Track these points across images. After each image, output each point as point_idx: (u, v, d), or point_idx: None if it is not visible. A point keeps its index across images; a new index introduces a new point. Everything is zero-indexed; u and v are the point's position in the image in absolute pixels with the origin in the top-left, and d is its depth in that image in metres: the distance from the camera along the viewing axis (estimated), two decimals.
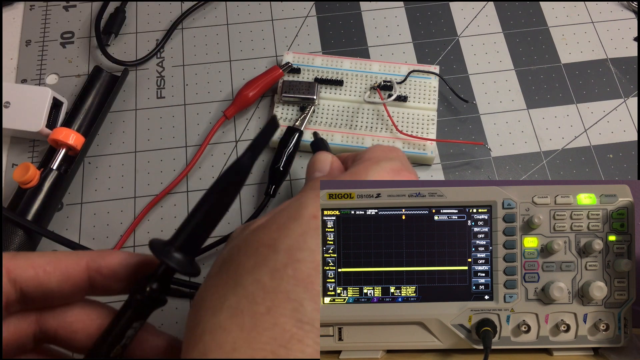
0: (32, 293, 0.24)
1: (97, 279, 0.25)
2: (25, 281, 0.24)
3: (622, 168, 0.43)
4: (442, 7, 0.50)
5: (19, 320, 0.25)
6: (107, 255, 0.25)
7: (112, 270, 0.25)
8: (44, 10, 0.50)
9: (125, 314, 0.25)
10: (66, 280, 0.25)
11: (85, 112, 0.43)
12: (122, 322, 0.24)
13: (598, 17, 0.49)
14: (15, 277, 0.24)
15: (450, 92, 0.45)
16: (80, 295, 0.26)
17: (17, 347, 0.25)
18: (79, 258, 0.25)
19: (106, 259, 0.25)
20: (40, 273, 0.24)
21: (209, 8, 0.50)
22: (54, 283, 0.24)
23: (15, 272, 0.24)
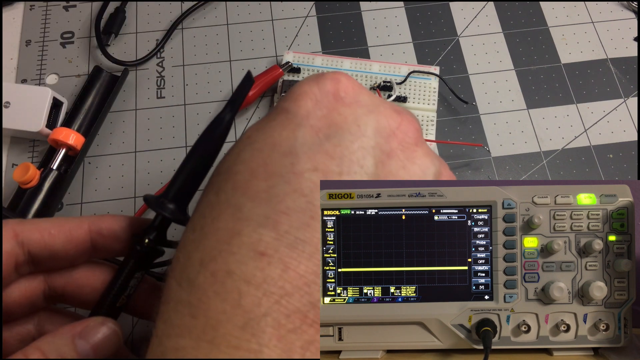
0: (39, 254, 0.26)
1: (98, 240, 0.27)
2: (32, 243, 0.26)
3: (622, 168, 0.43)
4: (442, 7, 0.50)
5: (29, 280, 0.27)
6: (107, 218, 0.28)
7: (112, 231, 0.27)
8: (44, 10, 0.50)
9: (127, 265, 0.27)
10: (70, 242, 0.27)
11: (85, 112, 0.43)
12: (125, 273, 0.27)
13: (598, 17, 0.49)
14: (23, 239, 0.26)
15: (449, 92, 0.45)
16: (84, 256, 0.28)
17: (29, 305, 0.28)
18: (81, 221, 0.27)
19: (106, 221, 0.27)
20: (46, 235, 0.26)
21: (209, 8, 0.50)
22: (59, 245, 0.26)
23: (22, 234, 0.26)
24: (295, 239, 0.20)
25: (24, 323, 0.28)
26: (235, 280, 0.19)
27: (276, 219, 0.20)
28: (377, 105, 0.24)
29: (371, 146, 0.23)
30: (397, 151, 0.24)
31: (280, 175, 0.21)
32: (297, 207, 0.20)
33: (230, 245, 0.20)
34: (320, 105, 0.23)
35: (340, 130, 0.23)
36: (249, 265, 0.19)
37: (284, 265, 0.19)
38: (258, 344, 0.18)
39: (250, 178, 0.21)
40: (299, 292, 0.19)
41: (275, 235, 0.20)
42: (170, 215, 0.26)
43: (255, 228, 0.20)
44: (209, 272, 0.20)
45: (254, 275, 0.19)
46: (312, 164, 0.21)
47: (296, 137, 0.22)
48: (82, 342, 0.24)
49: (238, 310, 0.19)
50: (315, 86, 0.24)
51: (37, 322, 0.29)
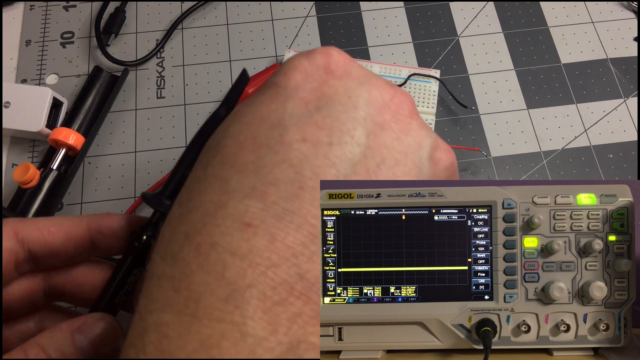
0: (39, 252, 0.26)
1: (98, 238, 0.27)
2: (32, 241, 0.26)
3: (622, 168, 0.43)
4: (442, 7, 0.50)
5: (29, 278, 0.28)
6: (106, 217, 0.28)
7: (111, 229, 0.27)
8: (44, 10, 0.50)
9: (125, 262, 0.27)
10: (69, 240, 0.27)
11: (85, 112, 0.44)
12: (123, 269, 0.27)
13: (598, 17, 0.49)
14: (23, 237, 0.26)
15: (449, 92, 0.45)
16: (83, 254, 0.28)
17: (29, 303, 0.28)
18: (80, 220, 0.27)
19: (105, 219, 0.28)
20: (45, 233, 0.26)
21: (209, 8, 0.50)
22: (59, 242, 0.27)
23: (22, 232, 0.26)
24: (283, 209, 0.19)
25: (24, 321, 0.29)
26: (220, 252, 0.19)
27: (263, 190, 0.20)
28: (369, 78, 0.24)
29: (362, 117, 0.22)
30: (390, 123, 0.23)
31: (269, 147, 0.21)
32: (285, 177, 0.20)
33: (215, 217, 0.19)
34: (311, 79, 0.23)
35: (331, 101, 0.22)
36: (234, 237, 0.19)
37: (271, 236, 0.19)
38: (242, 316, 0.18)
39: (237, 150, 0.21)
40: (286, 264, 0.19)
41: (262, 206, 0.19)
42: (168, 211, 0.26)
43: (241, 199, 0.19)
44: (193, 246, 0.19)
45: (239, 247, 0.19)
46: (301, 134, 0.21)
47: (285, 109, 0.22)
48: (80, 337, 0.24)
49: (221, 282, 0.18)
50: (305, 60, 0.24)
51: (38, 320, 0.29)
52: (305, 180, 0.20)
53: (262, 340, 0.17)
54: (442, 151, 0.25)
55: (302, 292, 0.18)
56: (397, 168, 0.22)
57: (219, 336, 0.17)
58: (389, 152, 0.22)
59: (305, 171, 0.20)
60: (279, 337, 0.17)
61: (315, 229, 0.19)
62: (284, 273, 0.18)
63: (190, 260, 0.19)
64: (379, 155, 0.22)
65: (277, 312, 0.18)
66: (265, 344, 0.17)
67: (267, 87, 0.23)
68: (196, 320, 0.18)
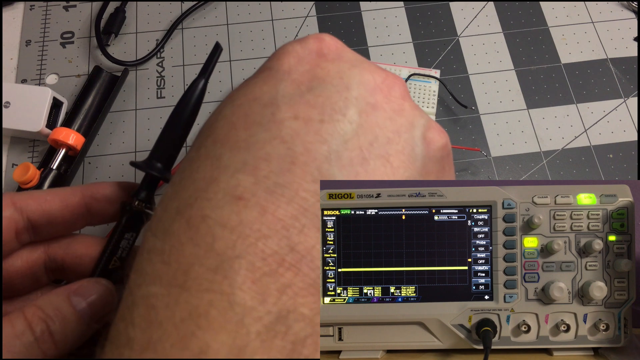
0: (38, 221, 0.27)
1: (93, 204, 0.28)
2: (30, 210, 0.27)
3: (622, 168, 0.43)
4: (442, 7, 0.50)
5: (30, 251, 0.28)
6: (99, 184, 0.29)
7: (104, 195, 0.28)
8: (44, 10, 0.50)
9: (118, 226, 0.28)
10: (66, 207, 0.28)
11: (85, 112, 0.44)
12: (116, 234, 0.28)
13: (598, 17, 0.49)
14: (22, 206, 0.27)
15: (450, 95, 0.45)
16: (81, 221, 0.29)
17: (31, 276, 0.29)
18: (74, 188, 0.29)
19: (99, 186, 0.29)
20: (43, 202, 0.27)
21: (209, 8, 0.50)
22: (56, 210, 0.28)
23: (20, 202, 0.27)
24: (274, 183, 0.19)
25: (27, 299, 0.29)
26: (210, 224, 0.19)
27: (255, 165, 0.20)
28: (362, 62, 0.24)
29: (354, 97, 0.22)
30: (382, 104, 0.23)
31: (260, 125, 0.21)
32: (277, 153, 0.20)
33: (207, 192, 0.20)
34: (303, 62, 0.23)
35: (323, 82, 0.22)
36: (225, 210, 0.19)
37: (261, 209, 0.19)
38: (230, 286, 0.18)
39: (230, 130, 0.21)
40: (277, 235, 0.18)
41: (253, 180, 0.19)
42: (158, 173, 0.28)
43: (232, 174, 0.20)
44: (184, 220, 0.19)
45: (229, 219, 0.19)
46: (292, 112, 0.21)
47: (277, 90, 0.22)
48: (77, 298, 0.25)
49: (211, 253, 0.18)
50: (298, 45, 0.24)
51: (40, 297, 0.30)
52: (297, 156, 0.20)
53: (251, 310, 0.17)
54: (435, 131, 0.25)
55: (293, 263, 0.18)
56: (389, 146, 0.22)
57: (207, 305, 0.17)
58: (381, 130, 0.22)
59: (296, 147, 0.20)
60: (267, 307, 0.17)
61: (307, 202, 0.19)
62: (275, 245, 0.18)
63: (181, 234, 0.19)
64: (371, 134, 0.22)
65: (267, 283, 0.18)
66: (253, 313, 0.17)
67: (260, 71, 0.24)
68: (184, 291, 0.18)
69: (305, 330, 0.18)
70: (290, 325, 0.17)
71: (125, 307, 0.19)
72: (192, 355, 0.17)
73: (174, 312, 0.17)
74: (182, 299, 0.18)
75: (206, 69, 0.29)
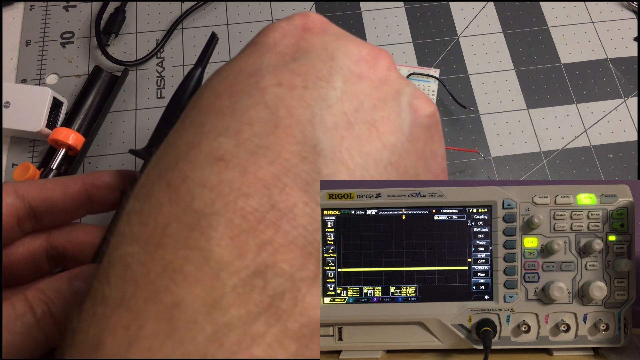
0: (40, 208, 0.28)
1: (93, 192, 0.29)
2: (32, 197, 0.27)
3: (622, 168, 0.43)
4: (442, 7, 0.50)
5: (31, 239, 0.29)
6: (100, 172, 0.29)
7: (104, 182, 0.29)
8: (44, 10, 0.50)
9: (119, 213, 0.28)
10: (67, 195, 0.28)
11: (85, 112, 0.43)
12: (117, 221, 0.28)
13: (598, 17, 0.49)
14: (23, 193, 0.27)
15: (449, 96, 0.45)
16: (82, 209, 0.29)
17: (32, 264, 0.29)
18: (74, 177, 0.29)
19: (99, 174, 0.29)
20: (43, 190, 0.28)
21: (209, 8, 0.50)
22: (57, 197, 0.28)
23: (22, 190, 0.27)
24: (257, 145, 0.19)
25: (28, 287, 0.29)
26: (190, 185, 0.19)
27: (237, 128, 0.20)
28: (347, 35, 0.24)
29: (339, 66, 0.22)
30: (368, 73, 0.23)
31: (244, 92, 0.21)
32: (260, 118, 0.20)
33: (189, 155, 0.20)
34: (288, 36, 0.24)
35: (307, 53, 0.23)
36: (205, 170, 0.19)
37: (243, 169, 0.19)
38: (207, 242, 0.17)
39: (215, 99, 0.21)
40: (258, 194, 0.18)
41: (235, 143, 0.19)
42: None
43: (215, 137, 0.20)
44: (164, 182, 0.19)
45: (209, 179, 0.19)
46: (276, 80, 0.21)
47: (262, 61, 0.22)
48: (78, 282, 0.25)
49: (189, 211, 0.18)
50: (284, 22, 0.24)
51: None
52: (280, 120, 0.20)
53: (227, 264, 0.17)
54: (422, 99, 0.24)
55: (273, 221, 0.18)
56: (375, 112, 0.22)
57: (182, 260, 0.17)
58: (366, 97, 0.22)
59: (279, 111, 0.20)
60: (245, 262, 0.17)
61: (289, 163, 0.19)
62: (255, 203, 0.18)
63: (160, 195, 0.19)
64: (356, 100, 0.22)
65: (245, 239, 0.18)
66: (230, 267, 0.17)
67: (246, 47, 0.24)
68: (160, 248, 0.18)
69: (284, 285, 0.17)
70: (269, 280, 0.17)
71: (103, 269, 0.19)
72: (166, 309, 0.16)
73: (149, 269, 0.17)
74: (157, 256, 0.18)
75: (202, 58, 0.30)
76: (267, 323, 0.17)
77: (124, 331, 0.16)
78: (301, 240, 0.18)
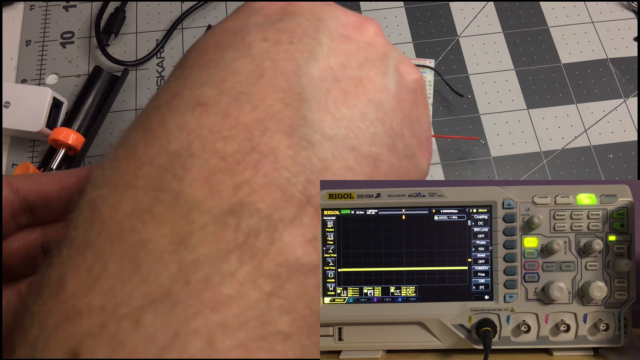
0: (35, 202, 0.27)
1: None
2: (27, 191, 0.27)
3: (622, 168, 0.43)
4: (442, 7, 0.50)
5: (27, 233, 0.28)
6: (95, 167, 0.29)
7: None
8: (44, 10, 0.50)
9: None
10: (62, 189, 0.28)
11: (85, 112, 0.44)
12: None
13: (598, 17, 0.49)
14: (18, 187, 0.27)
15: (450, 91, 0.45)
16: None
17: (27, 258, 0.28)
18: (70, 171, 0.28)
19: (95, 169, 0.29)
20: (38, 183, 0.27)
21: (209, 8, 0.50)
22: (52, 191, 0.27)
23: (16, 183, 0.27)
24: (240, 92, 0.19)
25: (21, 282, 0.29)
26: (168, 128, 0.18)
27: (221, 78, 0.20)
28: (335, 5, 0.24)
29: (325, 26, 0.22)
30: (354, 36, 0.23)
31: (230, 47, 0.21)
32: (244, 69, 0.20)
33: (170, 103, 0.19)
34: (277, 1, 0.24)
35: (294, 14, 0.23)
36: (186, 115, 0.19)
37: (224, 114, 0.18)
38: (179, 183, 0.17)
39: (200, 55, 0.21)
40: (238, 137, 0.18)
41: (218, 91, 0.19)
42: None
43: (198, 86, 0.20)
44: (142, 128, 0.19)
45: (188, 122, 0.18)
46: (262, 35, 0.21)
47: (249, 21, 0.22)
48: None
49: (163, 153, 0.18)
50: None
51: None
52: (265, 70, 0.20)
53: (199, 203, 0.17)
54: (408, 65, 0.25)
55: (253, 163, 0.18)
56: (361, 71, 0.22)
57: (152, 201, 0.17)
58: (353, 56, 0.22)
59: (265, 62, 0.20)
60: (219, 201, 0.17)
61: (273, 109, 0.19)
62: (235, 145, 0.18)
63: (137, 141, 0.19)
64: (343, 56, 0.22)
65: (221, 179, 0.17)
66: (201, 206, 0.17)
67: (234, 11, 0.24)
68: (131, 190, 0.17)
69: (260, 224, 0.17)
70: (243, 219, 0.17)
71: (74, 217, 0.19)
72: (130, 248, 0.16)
73: (117, 210, 0.17)
74: (126, 197, 0.17)
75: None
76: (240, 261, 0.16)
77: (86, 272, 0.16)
78: (282, 181, 0.18)
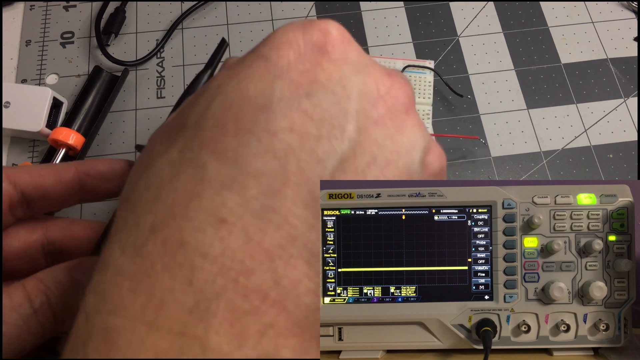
0: (32, 194, 0.27)
1: (86, 180, 0.28)
2: (24, 184, 0.27)
3: (622, 168, 0.43)
4: (442, 7, 0.50)
5: (28, 232, 0.28)
6: (94, 161, 0.29)
7: (99, 172, 0.28)
8: (44, 10, 0.50)
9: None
10: (60, 182, 0.28)
11: (85, 112, 0.43)
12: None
13: (598, 17, 0.49)
14: (15, 180, 0.27)
15: (449, 92, 0.45)
16: (74, 197, 0.28)
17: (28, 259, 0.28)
18: (68, 164, 0.28)
19: (93, 162, 0.29)
20: (36, 176, 0.27)
21: (209, 8, 0.50)
22: (50, 184, 0.27)
23: (14, 176, 0.27)
24: (263, 205, 0.18)
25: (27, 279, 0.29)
26: (189, 252, 0.17)
27: (243, 182, 0.18)
28: (367, 66, 0.22)
29: (355, 110, 0.21)
30: (384, 118, 0.21)
31: (252, 133, 0.19)
32: (267, 170, 0.18)
33: (188, 209, 0.18)
34: (304, 59, 0.21)
35: (323, 88, 0.21)
36: (207, 234, 0.17)
37: (247, 236, 0.17)
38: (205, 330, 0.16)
39: (218, 134, 0.19)
40: (261, 268, 0.17)
41: (240, 201, 0.18)
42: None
43: (218, 191, 0.18)
44: (159, 240, 0.17)
45: (211, 246, 0.17)
46: (288, 122, 0.19)
47: (273, 91, 0.20)
48: (78, 273, 0.24)
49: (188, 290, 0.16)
50: (300, 35, 0.22)
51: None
52: (289, 176, 0.18)
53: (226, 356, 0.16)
54: (434, 155, 0.24)
55: (277, 299, 0.17)
56: (387, 169, 0.21)
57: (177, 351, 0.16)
58: (380, 150, 0.21)
59: (290, 165, 0.19)
60: (245, 351, 0.16)
61: (296, 230, 0.18)
62: (258, 279, 0.17)
63: (155, 259, 0.17)
64: (369, 154, 0.21)
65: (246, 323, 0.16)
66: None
67: (255, 58, 0.21)
68: (153, 331, 0.16)
69: None
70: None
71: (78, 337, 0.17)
72: None
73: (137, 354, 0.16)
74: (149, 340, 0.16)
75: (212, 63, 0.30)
76: None
77: None
78: (304, 322, 0.17)
